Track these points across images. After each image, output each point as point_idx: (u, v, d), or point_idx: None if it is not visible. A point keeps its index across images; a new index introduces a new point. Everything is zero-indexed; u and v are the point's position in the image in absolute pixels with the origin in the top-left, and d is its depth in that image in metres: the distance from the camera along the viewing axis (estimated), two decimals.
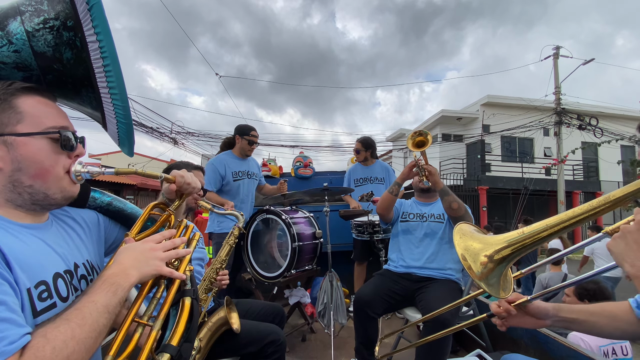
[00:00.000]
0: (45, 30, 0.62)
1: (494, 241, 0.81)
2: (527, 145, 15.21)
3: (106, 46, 0.63)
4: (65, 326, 0.51)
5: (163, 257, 0.69)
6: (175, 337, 0.64)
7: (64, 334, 0.51)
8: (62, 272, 0.64)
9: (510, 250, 0.78)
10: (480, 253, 0.80)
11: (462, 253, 0.84)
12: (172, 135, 11.86)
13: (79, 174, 0.69)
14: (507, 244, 0.78)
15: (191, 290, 0.73)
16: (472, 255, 0.81)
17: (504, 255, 0.78)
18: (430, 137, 1.98)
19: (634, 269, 0.62)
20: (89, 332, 0.53)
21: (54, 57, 0.64)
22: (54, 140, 0.65)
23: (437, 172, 2.01)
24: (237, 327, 1.32)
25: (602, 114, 12.72)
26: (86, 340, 0.52)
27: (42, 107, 0.65)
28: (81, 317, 0.54)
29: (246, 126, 2.77)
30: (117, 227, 0.89)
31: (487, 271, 0.79)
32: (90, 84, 0.67)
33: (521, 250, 0.77)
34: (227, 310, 1.33)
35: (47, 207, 0.68)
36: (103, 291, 0.58)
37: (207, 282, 1.47)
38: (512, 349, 1.87)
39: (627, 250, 0.64)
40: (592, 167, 14.93)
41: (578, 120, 11.12)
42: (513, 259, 0.79)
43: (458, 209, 1.91)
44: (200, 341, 1.24)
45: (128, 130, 0.77)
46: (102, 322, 0.56)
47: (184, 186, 0.84)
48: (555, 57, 11.73)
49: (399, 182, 2.10)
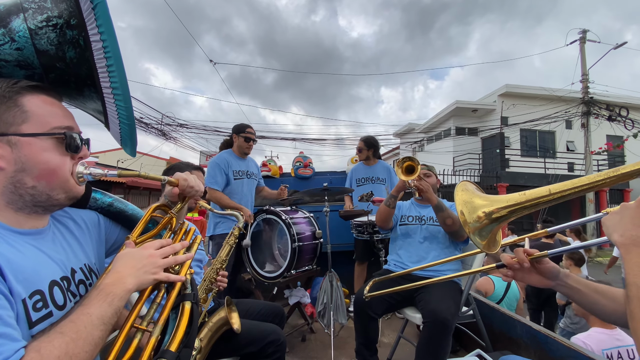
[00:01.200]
0: (49, 29, 0.62)
1: (494, 199, 0.85)
2: (547, 139, 13.90)
3: (110, 46, 0.63)
4: (59, 340, 0.51)
5: (162, 264, 0.68)
6: (175, 343, 0.63)
7: (58, 349, 0.50)
8: (59, 279, 0.63)
9: (506, 211, 0.81)
10: (480, 209, 0.85)
11: (460, 209, 0.88)
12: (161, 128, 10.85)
13: (81, 176, 0.68)
14: (505, 205, 0.82)
15: (191, 294, 0.72)
16: (471, 209, 0.86)
17: (500, 215, 0.82)
18: (418, 163, 1.95)
19: (622, 237, 0.63)
20: (83, 345, 0.52)
21: (56, 56, 0.64)
22: (59, 141, 0.64)
23: (429, 188, 1.99)
24: (237, 327, 1.32)
25: (630, 105, 11.26)
26: (80, 355, 0.52)
27: (48, 107, 0.64)
28: (75, 331, 0.53)
29: (242, 124, 2.81)
30: (118, 228, 0.89)
31: (481, 225, 0.84)
32: (93, 84, 0.67)
33: (519, 212, 0.81)
34: (227, 310, 1.33)
35: (49, 208, 0.67)
36: (98, 302, 0.58)
37: (207, 282, 1.47)
38: (511, 348, 1.87)
39: (620, 222, 0.65)
40: (619, 162, 13.33)
41: (607, 110, 10.02)
42: (507, 219, 0.83)
43: (452, 224, 1.93)
44: (200, 341, 1.24)
45: (131, 131, 0.76)
46: (97, 335, 0.55)
47: (187, 189, 0.83)
48: (582, 42, 10.63)
49: (394, 194, 2.09)
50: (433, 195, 1.99)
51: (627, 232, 0.63)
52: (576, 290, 0.88)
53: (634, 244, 0.61)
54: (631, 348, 1.63)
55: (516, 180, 11.49)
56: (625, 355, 1.70)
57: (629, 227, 0.63)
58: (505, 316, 1.98)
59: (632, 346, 1.62)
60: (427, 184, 2.01)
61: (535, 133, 13.69)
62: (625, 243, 0.62)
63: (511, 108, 12.81)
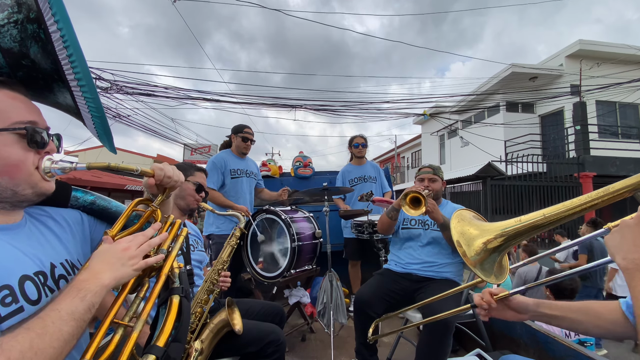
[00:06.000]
0: (10, 25, 0.60)
1: (490, 228, 0.83)
2: (630, 115, 10.45)
3: (67, 35, 0.61)
4: (23, 335, 0.49)
5: (137, 254, 0.66)
6: (162, 338, 0.61)
7: (22, 344, 0.48)
8: (32, 274, 0.61)
9: (503, 240, 0.79)
10: (475, 240, 0.82)
11: (457, 239, 0.86)
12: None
13: (49, 171, 0.66)
14: (501, 233, 0.80)
15: (180, 288, 0.70)
16: (467, 241, 0.84)
17: (498, 244, 0.80)
18: (423, 196, 1.74)
19: (625, 261, 0.62)
20: (50, 341, 0.50)
21: (21, 53, 0.63)
22: (21, 136, 0.62)
23: (435, 208, 1.87)
24: (239, 328, 1.32)
25: None
26: (47, 350, 0.49)
27: (9, 101, 0.63)
28: (42, 326, 0.51)
29: (240, 125, 2.82)
30: (103, 225, 0.87)
31: (481, 258, 0.81)
32: (60, 78, 0.66)
33: (517, 239, 0.79)
34: (228, 312, 1.33)
35: (17, 204, 0.66)
36: (70, 297, 0.56)
37: (209, 283, 1.46)
38: (511, 348, 1.87)
39: (622, 243, 0.63)
40: None
41: None
42: (508, 247, 0.81)
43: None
44: (202, 343, 1.24)
45: (103, 124, 0.75)
46: (67, 330, 0.53)
47: (165, 180, 0.80)
48: None
49: (396, 207, 2.00)
50: (439, 214, 1.89)
51: (629, 254, 0.61)
52: (552, 317, 0.88)
53: (638, 269, 0.59)
54: None
55: (605, 168, 8.47)
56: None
57: (632, 249, 0.61)
58: None
59: None
60: (432, 203, 1.87)
61: (614, 106, 10.07)
62: (628, 268, 0.61)
63: (592, 69, 9.44)
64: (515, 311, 0.92)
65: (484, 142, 10.78)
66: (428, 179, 2.08)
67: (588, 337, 1.99)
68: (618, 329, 0.80)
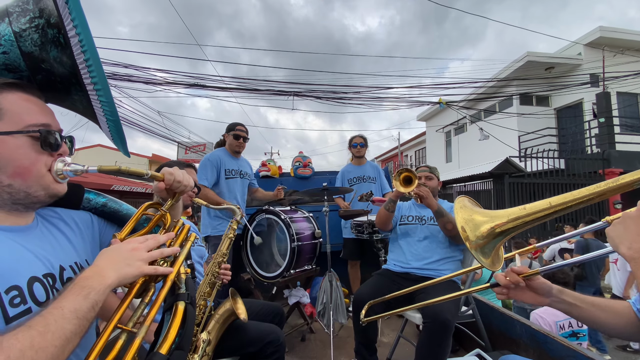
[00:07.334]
0: (32, 30, 0.61)
1: (495, 215, 0.84)
2: None
3: (85, 39, 0.62)
4: (24, 333, 0.48)
5: (146, 258, 0.65)
6: (165, 345, 0.61)
7: (22, 342, 0.47)
8: (41, 275, 0.61)
9: (511, 225, 0.80)
10: (481, 225, 0.84)
11: (462, 225, 0.86)
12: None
13: (61, 173, 0.67)
14: (508, 219, 0.80)
15: (185, 294, 0.69)
16: (473, 227, 0.84)
17: (506, 229, 0.81)
18: (415, 175, 1.94)
19: (630, 250, 0.62)
20: (52, 339, 0.49)
21: (41, 57, 0.64)
22: (34, 139, 0.63)
23: (429, 194, 1.97)
24: (244, 317, 1.33)
25: None
26: (48, 349, 0.48)
27: (23, 104, 0.63)
28: (44, 324, 0.50)
29: (233, 123, 2.80)
30: (112, 228, 0.87)
31: (483, 242, 0.82)
32: (78, 82, 0.66)
33: (521, 227, 0.79)
34: (232, 301, 1.34)
35: (30, 205, 0.66)
36: (72, 295, 0.55)
37: (210, 276, 1.47)
38: (511, 348, 1.87)
39: (625, 234, 0.64)
40: None
41: None
42: (511, 233, 0.82)
43: (453, 229, 1.93)
44: (209, 334, 1.25)
45: (117, 128, 0.75)
46: (69, 329, 0.52)
47: (175, 184, 0.80)
48: None
49: (393, 199, 2.08)
50: (433, 200, 1.98)
51: (634, 244, 0.62)
52: (573, 306, 0.86)
53: None
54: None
55: (632, 164, 7.77)
56: (575, 324, 2.04)
57: (636, 238, 0.62)
58: (504, 316, 1.98)
59: None
60: (426, 190, 1.98)
61: (635, 98, 9.32)
62: (634, 257, 0.61)
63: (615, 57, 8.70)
64: (535, 292, 0.90)
65: (496, 138, 10.08)
66: (424, 177, 2.16)
67: (583, 329, 2.08)
68: (633, 329, 0.80)
